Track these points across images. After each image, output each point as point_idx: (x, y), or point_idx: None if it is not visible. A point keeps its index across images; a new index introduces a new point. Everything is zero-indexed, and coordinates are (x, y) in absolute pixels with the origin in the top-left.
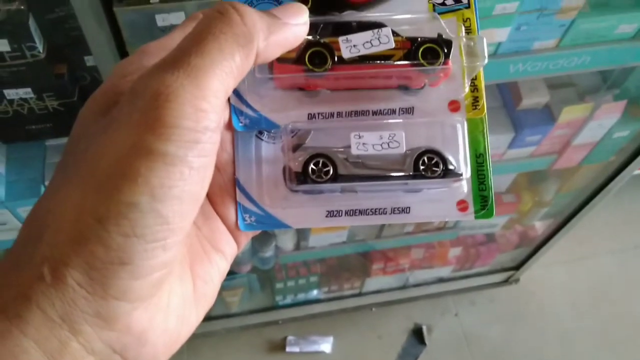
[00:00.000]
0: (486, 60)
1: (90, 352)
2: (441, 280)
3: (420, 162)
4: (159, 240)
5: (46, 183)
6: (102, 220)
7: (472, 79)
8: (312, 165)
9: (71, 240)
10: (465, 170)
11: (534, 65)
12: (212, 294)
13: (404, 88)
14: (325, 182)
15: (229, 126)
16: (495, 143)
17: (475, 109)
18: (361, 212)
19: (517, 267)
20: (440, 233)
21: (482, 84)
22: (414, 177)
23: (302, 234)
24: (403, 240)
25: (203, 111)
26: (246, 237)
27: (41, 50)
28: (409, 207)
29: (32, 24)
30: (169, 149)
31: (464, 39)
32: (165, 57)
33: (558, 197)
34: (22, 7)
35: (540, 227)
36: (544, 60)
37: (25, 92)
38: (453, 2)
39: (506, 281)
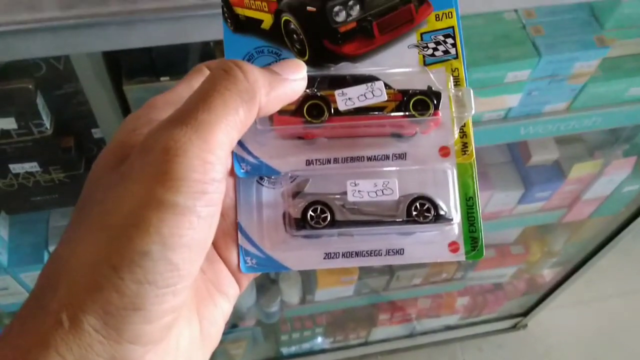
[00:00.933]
0: (473, 111)
1: None
2: (448, 327)
3: (413, 208)
4: (169, 286)
5: (50, 248)
6: (116, 269)
7: (462, 126)
8: (310, 212)
9: (87, 288)
10: (456, 215)
11: (544, 127)
12: (217, 335)
13: (397, 135)
14: (323, 228)
15: (231, 173)
16: (505, 199)
17: (465, 154)
18: (357, 254)
19: (525, 313)
20: (448, 284)
21: (471, 131)
22: (407, 222)
23: (307, 288)
24: (411, 292)
25: (210, 163)
26: (247, 279)
27: (49, 127)
28: (403, 249)
29: (39, 102)
30: (179, 200)
31: (453, 91)
32: (174, 113)
33: (567, 247)
34: (30, 86)
35: (548, 274)
36: (554, 123)
37: (31, 166)
38: (442, 54)
39: (514, 327)
